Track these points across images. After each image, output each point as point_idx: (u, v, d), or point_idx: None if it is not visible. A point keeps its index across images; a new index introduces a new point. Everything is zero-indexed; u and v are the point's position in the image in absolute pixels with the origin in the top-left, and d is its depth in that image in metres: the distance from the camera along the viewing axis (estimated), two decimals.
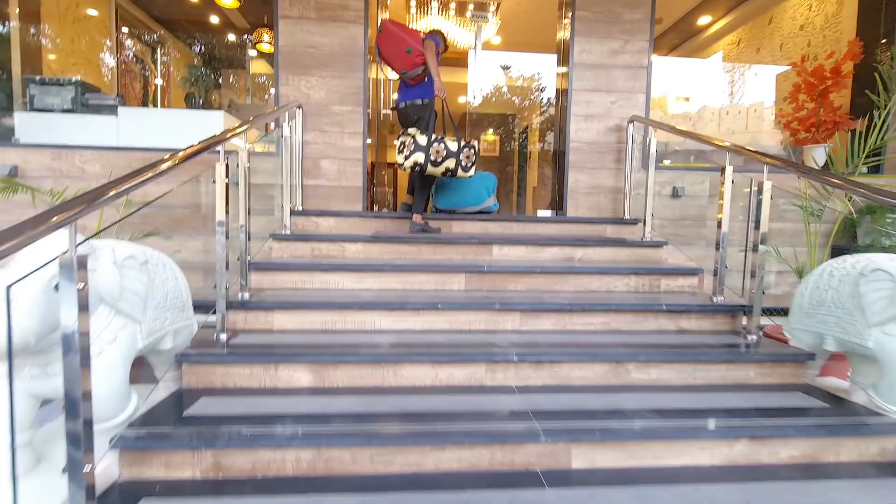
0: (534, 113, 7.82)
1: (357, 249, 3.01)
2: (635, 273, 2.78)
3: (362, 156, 3.58)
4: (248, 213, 2.35)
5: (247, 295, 2.31)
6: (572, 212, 3.74)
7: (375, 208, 3.72)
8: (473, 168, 3.26)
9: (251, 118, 2.55)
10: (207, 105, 6.09)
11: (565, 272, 2.73)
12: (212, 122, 3.66)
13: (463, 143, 3.20)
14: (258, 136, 3.67)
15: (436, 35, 3.27)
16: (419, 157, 3.11)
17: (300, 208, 3.45)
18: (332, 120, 3.55)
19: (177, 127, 3.69)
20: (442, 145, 3.16)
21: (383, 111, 4.27)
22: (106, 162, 3.43)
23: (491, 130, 8.46)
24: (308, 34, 3.49)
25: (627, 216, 3.63)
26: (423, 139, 3.15)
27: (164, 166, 1.57)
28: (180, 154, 1.69)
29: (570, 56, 3.67)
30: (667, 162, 3.89)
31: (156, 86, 6.29)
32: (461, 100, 9.46)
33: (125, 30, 5.75)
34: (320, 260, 2.78)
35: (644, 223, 3.31)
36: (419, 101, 3.28)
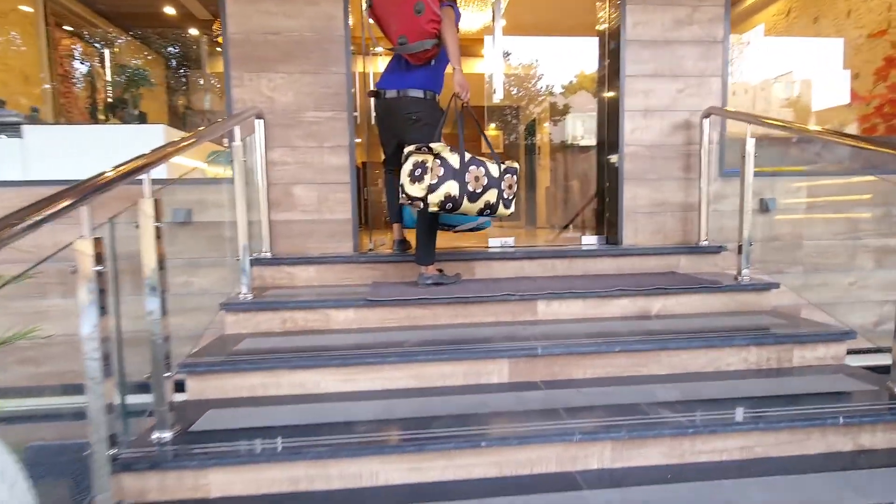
0: (564, 105, 6.91)
1: (348, 319, 2.11)
2: (756, 342, 1.89)
3: (350, 177, 2.67)
4: (164, 306, 1.44)
5: (166, 435, 1.42)
6: (630, 238, 2.84)
7: (370, 243, 2.80)
8: (514, 202, 2.27)
9: (182, 139, 1.65)
10: (173, 113, 5.16)
11: (655, 348, 1.84)
12: (149, 139, 2.75)
13: (504, 167, 2.21)
14: (210, 155, 2.76)
15: (454, 2, 2.28)
16: (452, 187, 2.04)
17: (268, 254, 2.55)
18: (307, 131, 2.63)
19: (106, 147, 2.78)
20: (481, 169, 2.12)
21: (374, 114, 3.34)
22: None
23: (512, 126, 7.52)
24: (266, 15, 2.56)
25: (704, 242, 2.73)
26: (454, 159, 2.07)
27: None
28: None
29: (620, 30, 2.75)
30: None
31: (107, 95, 5.35)
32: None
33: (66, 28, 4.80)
34: (293, 346, 1.89)
35: (739, 253, 2.41)
36: (420, 94, 2.26)
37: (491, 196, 2.14)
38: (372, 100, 2.47)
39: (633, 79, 2.77)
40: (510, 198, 2.23)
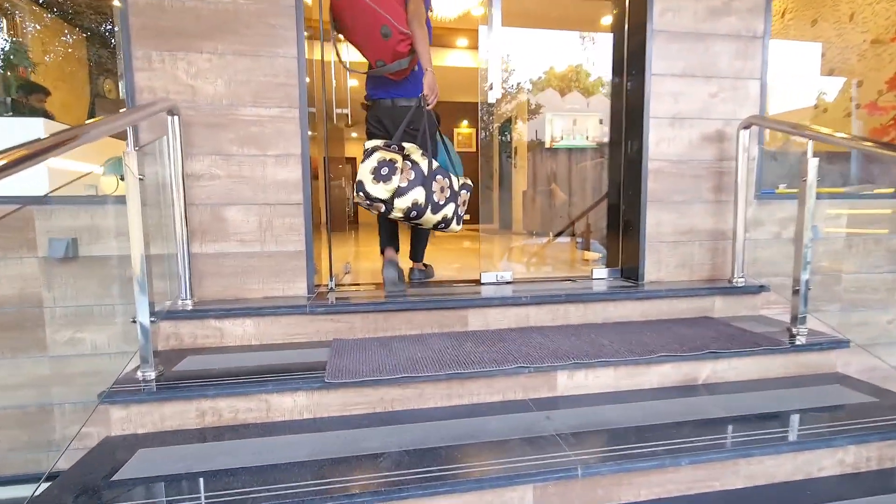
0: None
1: (298, 406, 1.48)
2: (856, 441, 1.41)
3: (303, 196, 2.02)
4: None
5: None
6: (652, 272, 2.34)
7: (330, 279, 2.17)
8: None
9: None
10: (100, 97, 4.25)
11: (732, 457, 1.33)
12: (23, 137, 2.00)
13: (461, 182, 2.18)
14: (106, 164, 2.03)
15: None
16: (419, 194, 1.94)
17: (188, 301, 1.86)
18: (243, 134, 1.96)
19: None
20: (447, 180, 2.06)
21: (337, 111, 2.69)
22: None
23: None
24: None
25: (739, 279, 2.27)
26: (424, 164, 1.98)
27: None
28: None
29: (647, 17, 2.22)
30: (783, 187, 2.55)
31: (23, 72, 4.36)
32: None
33: None
34: (212, 467, 1.24)
35: (795, 295, 1.95)
36: (412, 103, 2.15)
37: (449, 210, 2.06)
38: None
39: (660, 79, 2.25)
40: (461, 214, 2.15)
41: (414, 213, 1.95)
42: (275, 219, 2.00)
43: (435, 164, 2.02)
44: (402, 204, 1.92)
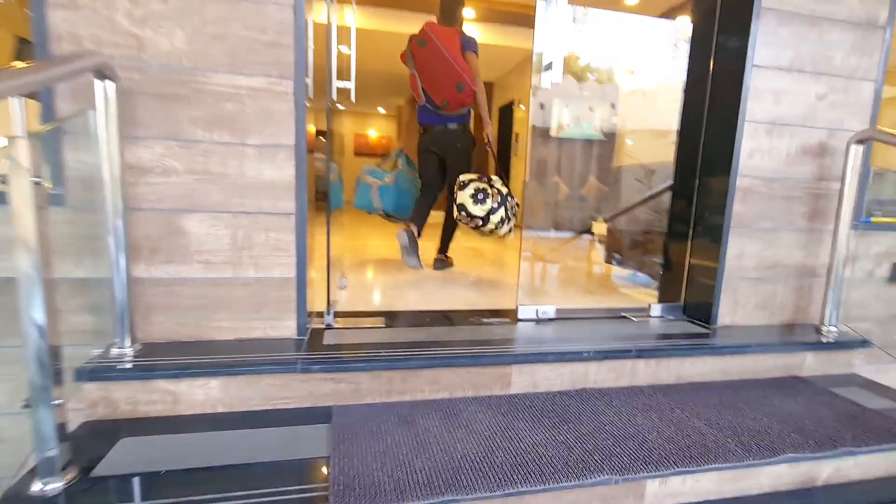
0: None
1: None
2: None
3: (296, 205, 1.47)
4: None
5: None
6: (727, 314, 1.90)
7: (328, 308, 1.62)
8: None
9: None
10: (26, 42, 3.46)
11: None
12: None
13: (514, 200, 2.57)
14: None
15: (472, 42, 2.56)
16: (503, 212, 2.43)
17: (127, 349, 1.31)
18: (213, 112, 1.38)
19: None
20: (513, 200, 2.54)
21: (338, 83, 2.10)
22: None
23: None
24: None
25: (832, 329, 1.85)
26: (504, 190, 2.47)
27: None
28: None
29: None
30: (879, 214, 2.13)
31: None
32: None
33: None
34: None
35: None
36: (459, 127, 2.72)
37: (512, 223, 2.52)
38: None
39: (763, 72, 1.76)
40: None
41: (500, 225, 2.42)
42: (255, 234, 1.44)
43: (506, 189, 2.47)
44: (495, 218, 2.40)
